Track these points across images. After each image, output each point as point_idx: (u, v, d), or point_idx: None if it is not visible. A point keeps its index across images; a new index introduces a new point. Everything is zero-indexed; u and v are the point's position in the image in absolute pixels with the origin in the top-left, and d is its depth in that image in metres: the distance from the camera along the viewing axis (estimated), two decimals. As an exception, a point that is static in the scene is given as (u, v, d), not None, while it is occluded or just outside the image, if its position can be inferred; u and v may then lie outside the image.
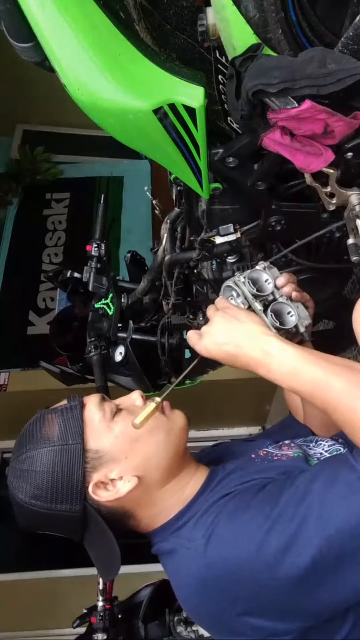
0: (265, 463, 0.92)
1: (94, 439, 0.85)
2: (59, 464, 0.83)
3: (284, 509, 0.76)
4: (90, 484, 0.84)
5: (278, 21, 0.71)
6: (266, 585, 0.75)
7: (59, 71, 0.74)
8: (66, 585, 3.22)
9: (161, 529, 0.87)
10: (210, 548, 0.79)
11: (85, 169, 4.62)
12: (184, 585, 0.85)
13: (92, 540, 0.88)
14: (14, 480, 0.86)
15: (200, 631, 1.59)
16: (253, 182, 0.92)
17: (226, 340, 0.85)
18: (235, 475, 0.88)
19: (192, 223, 1.09)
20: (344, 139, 0.77)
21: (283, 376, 0.81)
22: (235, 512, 0.80)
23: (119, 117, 0.77)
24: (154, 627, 1.61)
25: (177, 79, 0.76)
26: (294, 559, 0.73)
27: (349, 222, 0.89)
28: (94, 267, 1.41)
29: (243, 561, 0.76)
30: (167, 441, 0.88)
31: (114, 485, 0.85)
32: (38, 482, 0.83)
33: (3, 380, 3.35)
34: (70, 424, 0.85)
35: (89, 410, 0.87)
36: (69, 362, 1.54)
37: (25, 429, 0.89)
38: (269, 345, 0.82)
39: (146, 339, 1.35)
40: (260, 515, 0.77)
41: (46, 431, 0.86)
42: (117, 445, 0.85)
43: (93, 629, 1.60)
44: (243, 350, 0.84)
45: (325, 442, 0.98)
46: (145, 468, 0.86)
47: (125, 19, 0.77)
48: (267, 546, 0.75)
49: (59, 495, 0.83)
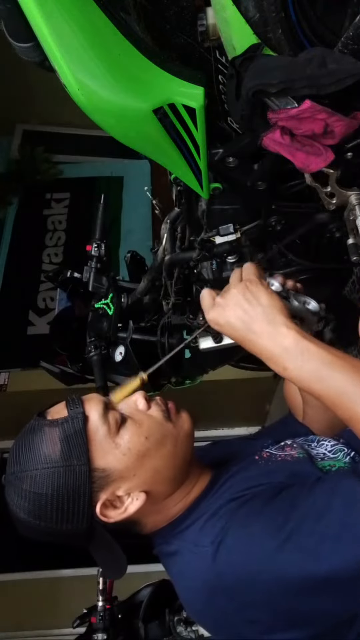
0: (269, 465, 0.89)
1: (101, 457, 0.80)
2: (63, 486, 0.78)
3: (301, 522, 0.72)
4: (98, 503, 0.80)
5: (278, 21, 0.71)
6: (275, 598, 0.73)
7: (59, 71, 0.74)
8: (66, 585, 3.22)
9: (164, 530, 0.85)
10: (219, 556, 0.75)
11: (85, 169, 4.62)
12: (190, 589, 0.83)
13: (97, 547, 0.85)
14: (15, 498, 0.80)
15: (200, 631, 1.59)
16: (253, 182, 0.92)
17: (239, 321, 0.78)
18: (239, 478, 0.86)
19: (192, 223, 1.09)
20: (344, 139, 0.76)
21: (302, 378, 0.75)
22: (247, 520, 0.77)
23: (119, 117, 0.77)
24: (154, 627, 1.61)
25: (177, 79, 0.76)
26: (307, 574, 0.70)
27: (348, 222, 0.89)
28: (94, 267, 1.40)
29: (253, 572, 0.74)
30: (175, 452, 0.83)
31: (122, 501, 0.81)
32: (42, 504, 0.78)
33: (3, 380, 3.35)
34: (74, 441, 0.79)
35: (92, 424, 0.81)
36: (69, 362, 1.54)
37: (24, 440, 0.82)
38: (289, 341, 0.75)
39: (146, 339, 1.35)
40: (273, 525, 0.74)
41: (47, 449, 0.79)
42: (124, 463, 0.80)
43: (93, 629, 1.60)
44: (258, 339, 0.77)
45: (327, 442, 0.96)
46: (154, 482, 0.82)
47: (125, 19, 0.77)
48: (279, 559, 0.72)
49: (64, 517, 0.79)
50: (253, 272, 0.84)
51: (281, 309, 0.79)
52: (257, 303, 0.79)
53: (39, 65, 0.78)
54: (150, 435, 0.82)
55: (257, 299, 0.79)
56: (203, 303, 0.84)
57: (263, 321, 0.77)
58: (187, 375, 1.41)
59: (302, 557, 0.70)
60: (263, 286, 0.81)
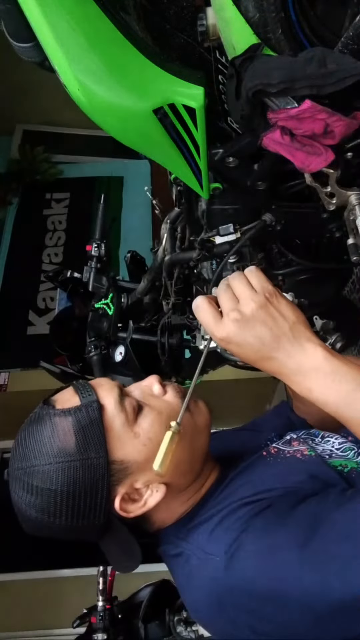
0: (279, 461, 0.84)
1: (119, 448, 0.74)
2: (80, 481, 0.72)
3: (324, 543, 0.67)
4: (117, 498, 0.75)
5: (278, 21, 0.71)
6: (293, 618, 0.69)
7: (59, 71, 0.74)
8: (66, 585, 3.22)
9: (170, 529, 0.81)
10: (232, 568, 0.70)
11: (85, 169, 4.63)
12: (198, 598, 0.78)
13: (109, 542, 0.80)
14: (24, 496, 0.74)
15: (200, 631, 1.59)
16: (253, 182, 0.92)
17: (260, 341, 0.69)
18: (249, 476, 0.81)
19: (192, 223, 1.09)
20: (344, 139, 0.76)
21: (329, 401, 0.69)
22: (264, 532, 0.71)
23: (118, 117, 0.77)
24: (154, 627, 1.62)
25: (177, 79, 0.76)
26: (327, 597, 0.66)
27: (348, 222, 0.89)
28: (94, 267, 1.41)
29: (269, 590, 0.69)
30: (195, 443, 0.79)
31: (140, 494, 0.76)
32: (55, 501, 0.72)
33: (3, 380, 3.35)
34: (90, 433, 0.73)
35: (109, 412, 0.75)
36: (69, 362, 1.55)
37: (27, 431, 0.76)
38: (318, 360, 0.68)
39: (146, 339, 1.35)
40: (294, 542, 0.68)
41: (60, 441, 0.73)
42: (145, 454, 0.75)
43: (93, 629, 1.61)
44: (281, 358, 0.69)
45: (333, 439, 0.91)
46: (173, 474, 0.75)
47: (126, 18, 0.77)
48: (299, 580, 0.67)
49: (80, 514, 0.73)
50: (265, 279, 0.73)
51: (305, 323, 0.71)
52: (282, 319, 0.70)
53: (39, 65, 0.78)
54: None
55: (281, 313, 0.70)
56: (202, 316, 0.72)
57: (289, 339, 0.69)
58: (187, 376, 1.41)
59: (324, 579, 0.66)
60: (283, 297, 0.72)
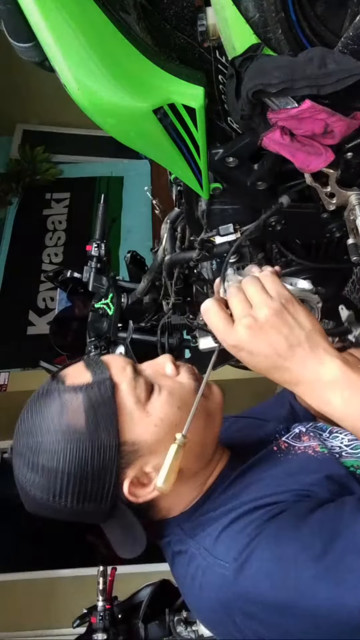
0: (290, 459, 0.81)
1: (130, 429, 0.71)
2: (89, 461, 0.69)
3: (342, 555, 0.64)
4: (126, 481, 0.72)
5: (278, 21, 0.71)
6: (304, 631, 0.67)
7: (59, 71, 0.74)
8: (66, 585, 3.22)
9: (175, 520, 0.78)
10: (243, 577, 0.68)
11: (85, 169, 4.64)
12: (203, 600, 0.75)
13: (113, 526, 0.77)
14: (27, 473, 0.71)
15: (200, 631, 1.59)
16: (253, 182, 0.92)
17: (274, 350, 0.66)
18: (260, 474, 0.78)
19: (192, 223, 1.09)
20: (344, 139, 0.76)
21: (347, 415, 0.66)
22: (278, 540, 0.68)
23: (119, 117, 0.77)
24: (154, 627, 1.62)
25: (177, 79, 0.76)
26: (345, 613, 0.63)
27: (348, 222, 0.89)
28: (94, 267, 1.41)
29: (280, 600, 0.66)
30: (206, 426, 0.76)
31: (149, 479, 0.73)
32: (62, 482, 0.70)
33: (3, 380, 3.36)
34: (101, 412, 0.70)
35: (122, 391, 0.72)
36: (69, 362, 1.54)
37: (38, 406, 0.73)
38: (335, 372, 0.66)
39: (146, 339, 1.35)
40: (309, 552, 0.65)
41: (70, 418, 0.70)
42: (156, 435, 0.72)
43: (93, 629, 1.61)
44: (295, 368, 0.67)
45: (343, 435, 0.87)
46: (184, 457, 0.71)
47: (125, 18, 0.77)
48: (314, 592, 0.64)
49: (87, 496, 0.71)
50: (280, 284, 0.71)
51: (322, 332, 0.69)
52: (299, 328, 0.67)
53: (39, 65, 0.78)
54: (182, 406, 0.74)
55: (298, 322, 0.67)
56: (212, 321, 0.69)
57: (305, 349, 0.67)
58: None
59: (341, 593, 0.63)
60: (300, 305, 0.70)
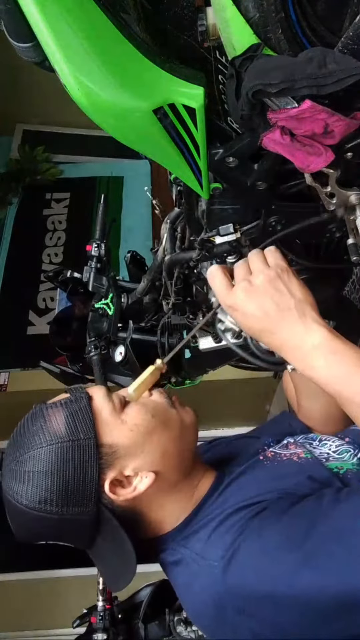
0: (276, 465, 0.86)
1: (107, 433, 0.78)
2: (70, 462, 0.75)
3: (321, 542, 0.69)
4: (106, 482, 0.77)
5: (278, 21, 0.71)
6: (292, 619, 0.70)
7: (59, 71, 0.74)
8: (66, 585, 3.23)
9: (168, 536, 0.82)
10: (230, 572, 0.72)
11: (85, 169, 4.64)
12: (198, 604, 0.79)
13: (101, 548, 0.81)
14: (15, 485, 0.76)
15: (200, 631, 1.59)
16: (253, 182, 0.92)
17: (264, 312, 0.72)
18: (246, 480, 0.83)
19: (192, 223, 1.09)
20: (344, 139, 0.76)
21: (329, 380, 0.70)
22: (260, 534, 0.73)
23: (119, 117, 0.77)
24: (154, 627, 1.62)
25: (177, 79, 0.76)
26: (325, 596, 0.67)
27: (348, 222, 0.89)
28: (94, 267, 1.41)
29: (267, 591, 0.71)
30: (181, 436, 0.82)
31: (130, 482, 0.79)
32: (46, 484, 0.74)
33: (3, 380, 3.36)
34: (80, 416, 0.77)
35: (97, 401, 0.80)
36: (69, 362, 1.54)
37: (21, 427, 0.80)
38: (321, 338, 0.71)
39: (146, 339, 1.35)
40: (290, 542, 0.70)
41: (51, 426, 0.77)
42: (132, 439, 0.78)
43: (93, 629, 1.61)
44: (283, 332, 0.72)
45: (331, 442, 0.92)
46: (161, 463, 0.80)
47: (125, 18, 0.77)
48: (297, 579, 0.69)
49: (71, 498, 0.75)
50: (280, 257, 0.78)
51: (313, 304, 0.74)
52: (289, 295, 0.73)
53: (39, 65, 0.78)
54: (155, 415, 0.81)
55: (290, 290, 0.74)
56: (214, 282, 0.77)
57: (294, 315, 0.72)
58: (187, 376, 1.41)
59: (322, 578, 0.67)
60: (295, 277, 0.76)
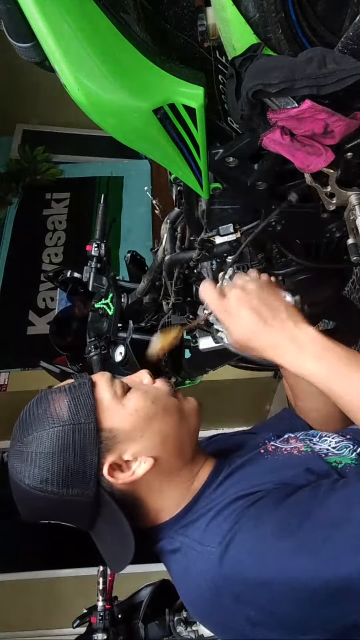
0: (276, 458, 0.87)
1: (108, 417, 0.80)
2: (71, 444, 0.78)
3: (315, 530, 0.71)
4: (105, 465, 0.79)
5: (278, 21, 0.71)
6: (286, 605, 0.72)
7: (59, 71, 0.74)
8: (66, 585, 3.22)
9: (167, 524, 0.83)
10: (227, 558, 0.74)
11: (85, 169, 4.64)
12: (193, 590, 0.80)
13: (102, 530, 0.83)
14: (19, 466, 0.79)
15: (200, 631, 1.59)
16: (253, 182, 0.92)
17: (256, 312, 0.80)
18: (245, 472, 0.84)
19: (192, 223, 1.09)
20: (344, 139, 0.77)
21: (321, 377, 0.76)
22: (257, 521, 0.74)
23: (119, 117, 0.77)
24: (154, 627, 1.62)
25: (177, 79, 0.76)
26: (320, 581, 0.69)
27: (348, 222, 0.89)
28: (94, 267, 1.41)
29: (263, 576, 0.72)
30: (182, 423, 0.84)
31: (129, 466, 0.81)
32: (48, 465, 0.77)
33: (3, 380, 3.36)
34: (81, 401, 0.80)
35: (100, 387, 0.83)
36: (69, 362, 1.54)
37: (27, 410, 0.83)
38: (310, 337, 0.77)
39: (146, 339, 1.35)
40: (285, 528, 0.72)
41: (54, 410, 0.80)
42: (132, 423, 0.81)
43: (93, 629, 1.61)
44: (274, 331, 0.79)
45: (331, 439, 0.93)
46: (161, 449, 0.81)
47: (125, 18, 0.77)
48: (292, 565, 0.70)
49: (71, 479, 0.78)
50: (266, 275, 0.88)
51: (298, 309, 0.82)
52: (279, 301, 0.82)
53: (39, 65, 0.78)
54: (156, 401, 0.83)
55: (277, 297, 0.82)
56: (205, 294, 0.86)
57: (283, 316, 0.80)
58: (187, 376, 1.41)
59: (316, 564, 0.69)
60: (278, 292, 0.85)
